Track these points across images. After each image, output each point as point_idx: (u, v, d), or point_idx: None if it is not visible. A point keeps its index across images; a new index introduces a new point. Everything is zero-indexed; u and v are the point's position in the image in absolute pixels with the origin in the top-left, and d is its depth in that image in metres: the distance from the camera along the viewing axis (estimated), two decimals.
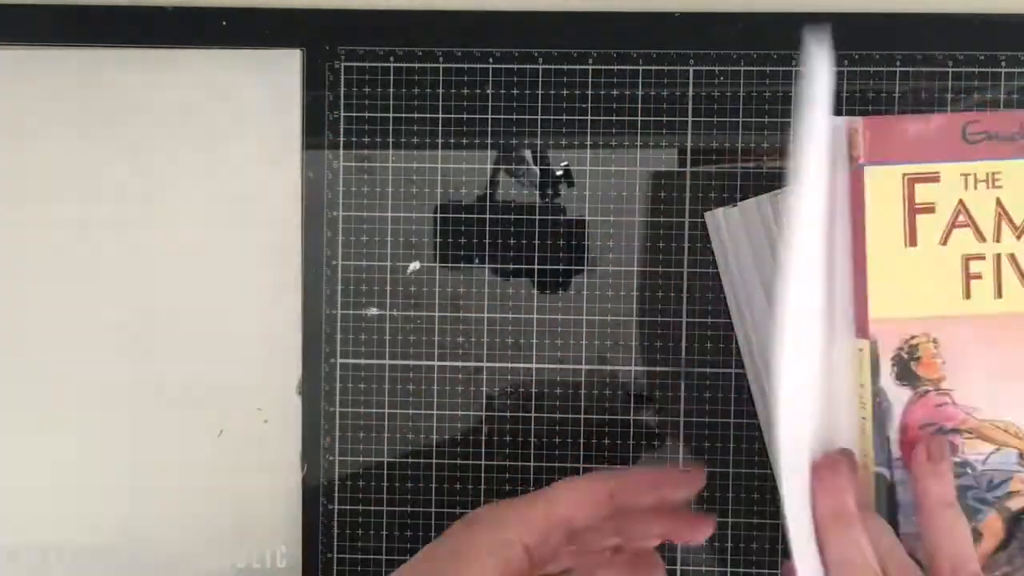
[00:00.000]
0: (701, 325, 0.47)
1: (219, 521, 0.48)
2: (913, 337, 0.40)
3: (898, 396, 0.40)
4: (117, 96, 0.48)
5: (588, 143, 0.47)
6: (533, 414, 0.48)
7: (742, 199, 0.46)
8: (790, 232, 0.37)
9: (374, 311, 0.48)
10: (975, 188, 0.40)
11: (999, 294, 0.40)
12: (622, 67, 0.47)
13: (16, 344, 0.49)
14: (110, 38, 0.48)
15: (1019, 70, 0.46)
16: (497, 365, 0.48)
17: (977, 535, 0.40)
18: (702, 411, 0.47)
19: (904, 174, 0.40)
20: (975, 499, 0.40)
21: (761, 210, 0.44)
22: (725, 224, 0.46)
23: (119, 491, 0.48)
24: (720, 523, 0.47)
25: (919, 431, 0.40)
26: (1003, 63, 0.46)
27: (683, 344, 0.47)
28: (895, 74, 0.47)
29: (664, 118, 0.47)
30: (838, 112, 0.47)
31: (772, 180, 0.47)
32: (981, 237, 0.40)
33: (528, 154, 0.48)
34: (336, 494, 0.48)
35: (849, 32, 0.47)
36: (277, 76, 0.48)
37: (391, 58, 0.48)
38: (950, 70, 0.47)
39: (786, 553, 0.47)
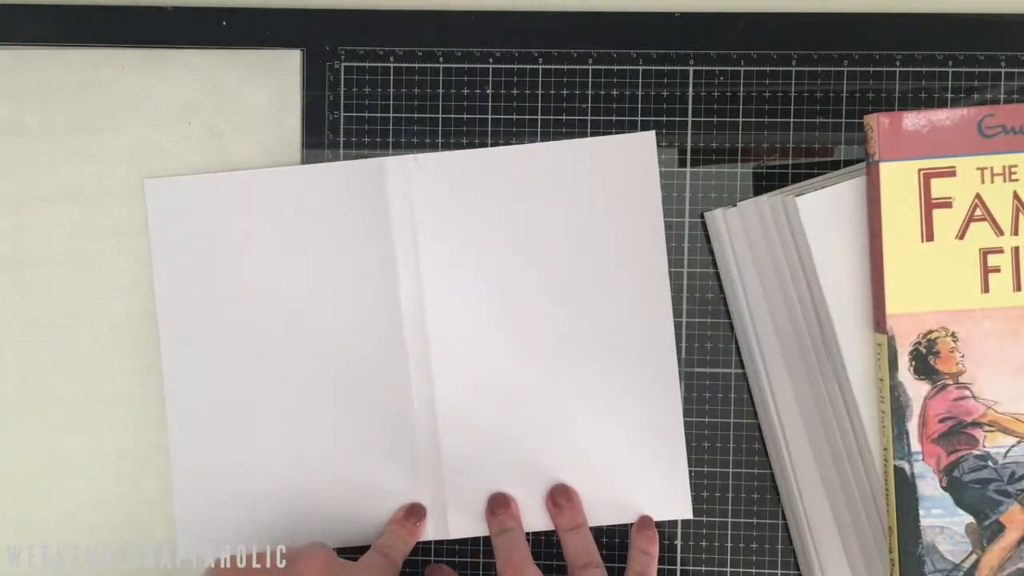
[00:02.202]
0: (701, 325, 0.47)
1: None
2: (931, 331, 0.40)
3: (917, 390, 0.40)
4: (117, 96, 0.48)
5: None
6: None
7: (742, 199, 0.46)
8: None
9: None
10: (991, 182, 0.40)
11: (1018, 287, 0.40)
12: (622, 67, 0.47)
13: (19, 343, 0.49)
14: (110, 38, 0.48)
15: (1019, 70, 0.46)
16: None
17: (999, 527, 0.40)
18: (702, 411, 0.47)
19: (919, 169, 0.40)
20: (996, 491, 0.40)
21: (761, 210, 0.44)
22: (725, 224, 0.46)
23: (120, 491, 0.48)
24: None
25: (938, 424, 0.40)
26: (1003, 63, 0.47)
27: (683, 344, 0.47)
28: (895, 74, 0.47)
29: (664, 118, 0.47)
30: (838, 113, 0.47)
31: (772, 180, 0.47)
32: (999, 231, 0.40)
33: None
34: None
35: (849, 32, 0.47)
36: (277, 76, 0.48)
37: (391, 58, 0.48)
38: (950, 70, 0.47)
39: (786, 552, 0.47)
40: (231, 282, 0.47)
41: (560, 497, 0.46)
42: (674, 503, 0.47)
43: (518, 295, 0.47)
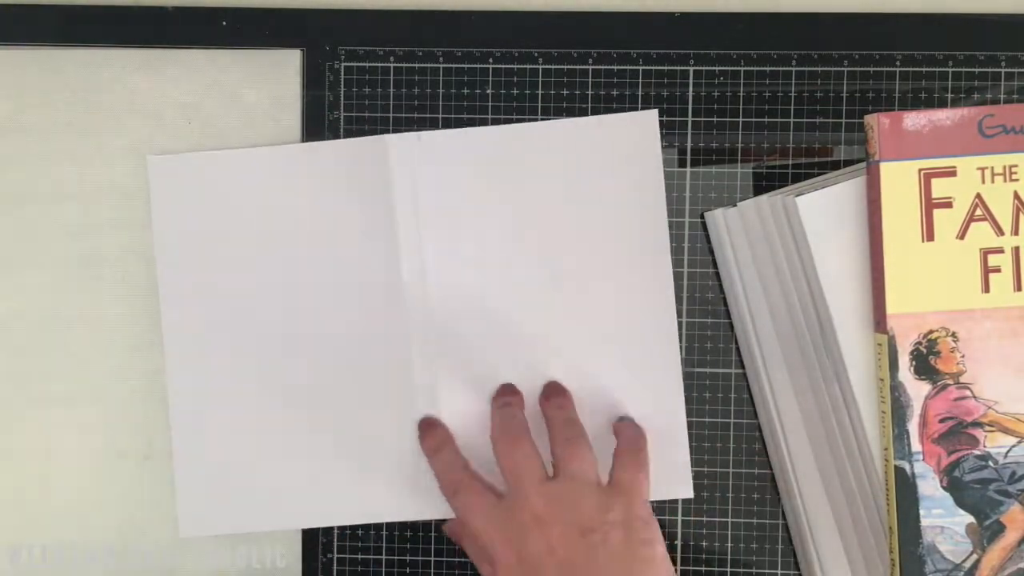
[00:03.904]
0: (701, 325, 0.47)
1: None
2: (931, 331, 0.40)
3: (917, 390, 0.40)
4: (117, 96, 0.48)
5: None
6: None
7: (742, 199, 0.46)
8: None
9: None
10: (992, 182, 0.40)
11: (1018, 287, 0.40)
12: (622, 67, 0.47)
13: (19, 343, 0.49)
14: (110, 38, 0.48)
15: (1019, 70, 0.46)
16: None
17: (1000, 527, 0.40)
18: (702, 411, 0.47)
19: (920, 169, 0.40)
20: (997, 491, 0.40)
21: (761, 210, 0.44)
22: (725, 224, 0.46)
23: (120, 491, 0.48)
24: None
25: (939, 424, 0.40)
26: (1003, 63, 0.46)
27: (683, 344, 0.47)
28: (895, 74, 0.47)
29: (664, 118, 0.47)
30: (838, 113, 0.47)
31: (772, 180, 0.47)
32: (999, 230, 0.40)
33: None
34: None
35: (849, 32, 0.47)
36: (277, 76, 0.48)
37: (391, 58, 0.48)
38: (950, 70, 0.47)
39: (786, 552, 0.47)
40: (233, 259, 0.47)
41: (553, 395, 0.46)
42: (674, 484, 0.47)
43: (519, 271, 0.47)
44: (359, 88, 0.48)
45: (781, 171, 0.47)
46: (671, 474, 0.47)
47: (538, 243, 0.47)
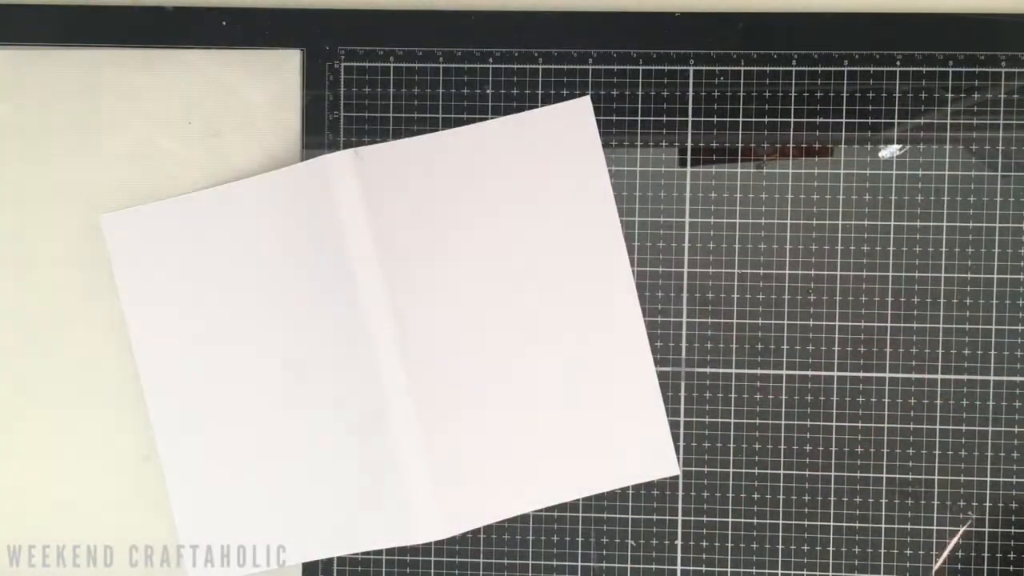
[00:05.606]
0: (701, 325, 0.47)
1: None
2: None
3: None
4: (117, 96, 0.48)
5: None
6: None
7: (742, 198, 0.46)
8: None
9: None
10: None
11: None
12: (622, 67, 0.47)
13: (20, 343, 0.49)
14: (110, 38, 0.48)
15: (1019, 70, 0.46)
16: None
17: None
18: (702, 411, 0.47)
19: None
20: None
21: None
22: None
23: (120, 491, 0.48)
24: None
25: None
26: (1003, 63, 0.47)
27: (683, 344, 0.47)
28: (895, 74, 0.47)
29: (664, 118, 0.47)
30: (838, 113, 0.47)
31: (772, 180, 0.47)
32: None
33: None
34: None
35: (849, 32, 0.47)
36: (277, 76, 0.48)
37: (391, 58, 0.48)
38: (950, 70, 0.47)
39: (786, 552, 0.47)
40: (203, 304, 0.47)
41: None
42: (659, 461, 0.47)
43: (479, 277, 0.47)
44: (359, 88, 0.48)
45: (782, 170, 0.47)
46: (654, 453, 0.47)
47: (492, 245, 0.47)
